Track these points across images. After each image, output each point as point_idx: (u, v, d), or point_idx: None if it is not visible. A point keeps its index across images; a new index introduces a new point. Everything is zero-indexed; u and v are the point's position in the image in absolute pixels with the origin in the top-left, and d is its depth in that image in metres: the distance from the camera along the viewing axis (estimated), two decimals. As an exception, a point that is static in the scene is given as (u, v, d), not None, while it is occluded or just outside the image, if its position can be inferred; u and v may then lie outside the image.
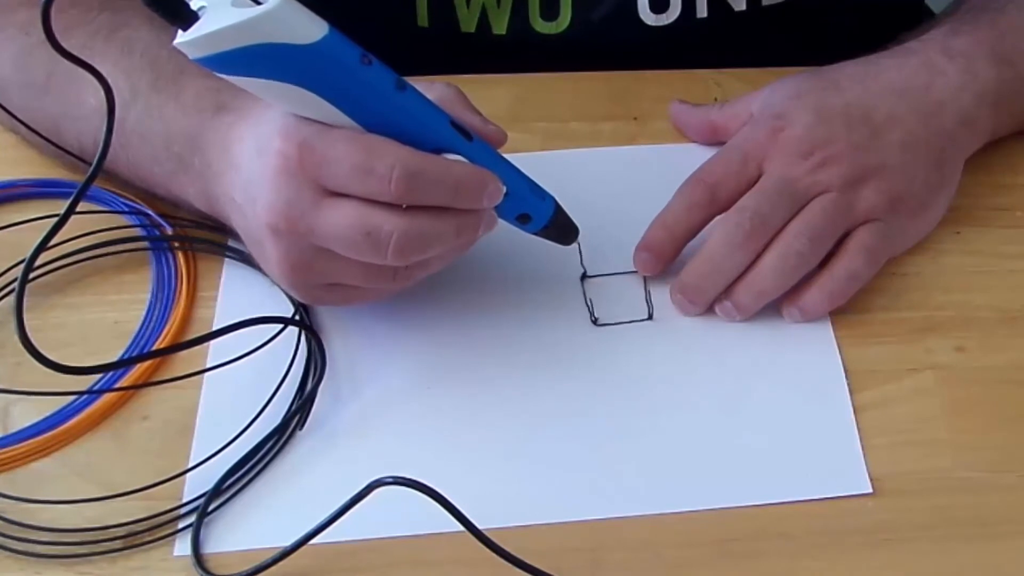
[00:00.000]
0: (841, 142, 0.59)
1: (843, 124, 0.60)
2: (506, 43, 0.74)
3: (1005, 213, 0.65)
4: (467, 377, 0.58)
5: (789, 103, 0.61)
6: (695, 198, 0.60)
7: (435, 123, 0.52)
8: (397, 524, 0.52)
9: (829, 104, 0.61)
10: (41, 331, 0.60)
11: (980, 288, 0.62)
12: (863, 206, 0.59)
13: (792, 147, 0.59)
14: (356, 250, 0.51)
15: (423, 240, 0.51)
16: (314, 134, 0.50)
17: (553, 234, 0.58)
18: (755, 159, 0.59)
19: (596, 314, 0.60)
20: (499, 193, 0.53)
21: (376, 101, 0.50)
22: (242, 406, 0.56)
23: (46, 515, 0.53)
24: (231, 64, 0.47)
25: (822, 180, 0.58)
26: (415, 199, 0.51)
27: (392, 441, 0.56)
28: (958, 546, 0.52)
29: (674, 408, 0.56)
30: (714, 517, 0.53)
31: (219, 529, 0.53)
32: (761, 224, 0.58)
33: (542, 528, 0.53)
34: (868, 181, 0.59)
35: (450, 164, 0.52)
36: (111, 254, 0.63)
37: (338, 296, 0.56)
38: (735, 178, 0.59)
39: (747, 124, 0.62)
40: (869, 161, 0.59)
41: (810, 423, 0.56)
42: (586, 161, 0.67)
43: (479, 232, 0.54)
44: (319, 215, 0.51)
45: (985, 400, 0.57)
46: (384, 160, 0.50)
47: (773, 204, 0.58)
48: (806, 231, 0.58)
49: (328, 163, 0.50)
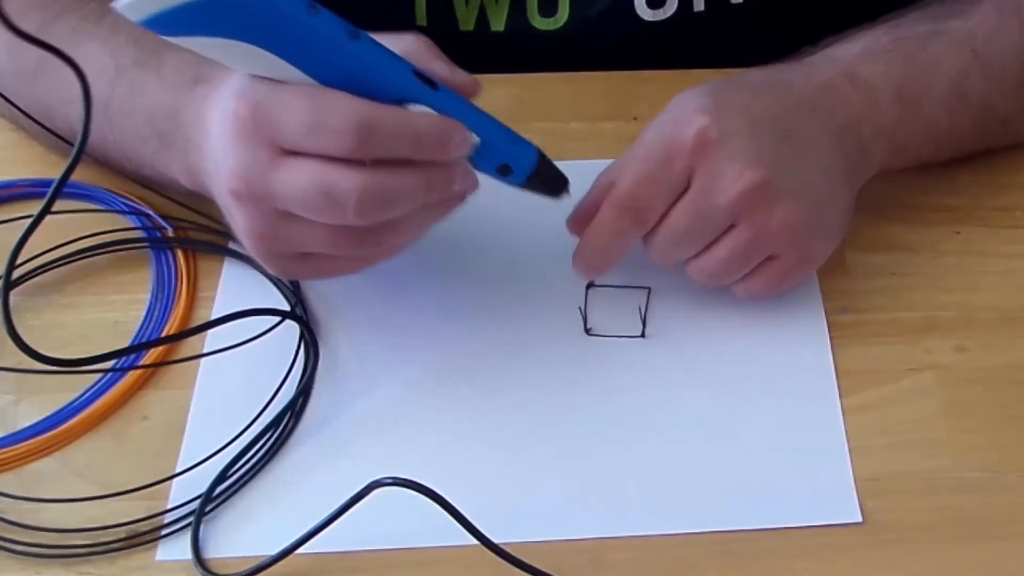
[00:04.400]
0: (768, 161, 0.55)
1: (771, 135, 0.56)
2: (504, 40, 0.74)
3: (1005, 213, 0.65)
4: (465, 381, 0.58)
5: (713, 102, 0.56)
6: (625, 226, 0.56)
7: (395, 73, 0.49)
8: (396, 529, 0.52)
9: (755, 111, 0.57)
10: (41, 331, 0.60)
11: (980, 288, 0.62)
12: (782, 239, 0.56)
13: (720, 164, 0.54)
14: (316, 211, 0.49)
15: (386, 197, 0.49)
16: (267, 92, 0.48)
17: (539, 186, 0.55)
18: (680, 174, 0.55)
19: (590, 324, 0.60)
20: (466, 143, 0.50)
21: (328, 52, 0.48)
22: (235, 406, 0.56)
23: (46, 515, 0.53)
24: (175, 24, 0.46)
25: (744, 213, 0.55)
26: (372, 153, 0.48)
27: (388, 446, 0.56)
28: (958, 546, 0.52)
29: (666, 431, 0.56)
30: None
31: (219, 529, 0.53)
32: (679, 254, 0.57)
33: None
34: (792, 207, 0.55)
35: (409, 115, 0.49)
36: (111, 253, 0.63)
37: (310, 267, 0.54)
38: (661, 201, 0.56)
39: (669, 123, 0.56)
40: (794, 184, 0.55)
41: (804, 451, 0.55)
42: (591, 173, 0.67)
43: (453, 187, 0.51)
44: (277, 176, 0.49)
45: (985, 400, 0.57)
46: (336, 114, 0.47)
47: (690, 239, 0.56)
48: (719, 270, 0.57)
49: (281, 121, 0.48)
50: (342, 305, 0.61)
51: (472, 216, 0.64)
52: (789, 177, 0.55)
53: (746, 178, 0.54)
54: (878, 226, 0.64)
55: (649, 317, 0.60)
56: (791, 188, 0.55)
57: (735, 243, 0.56)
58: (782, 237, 0.56)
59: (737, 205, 0.55)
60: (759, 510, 0.53)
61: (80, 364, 0.50)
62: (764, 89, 0.58)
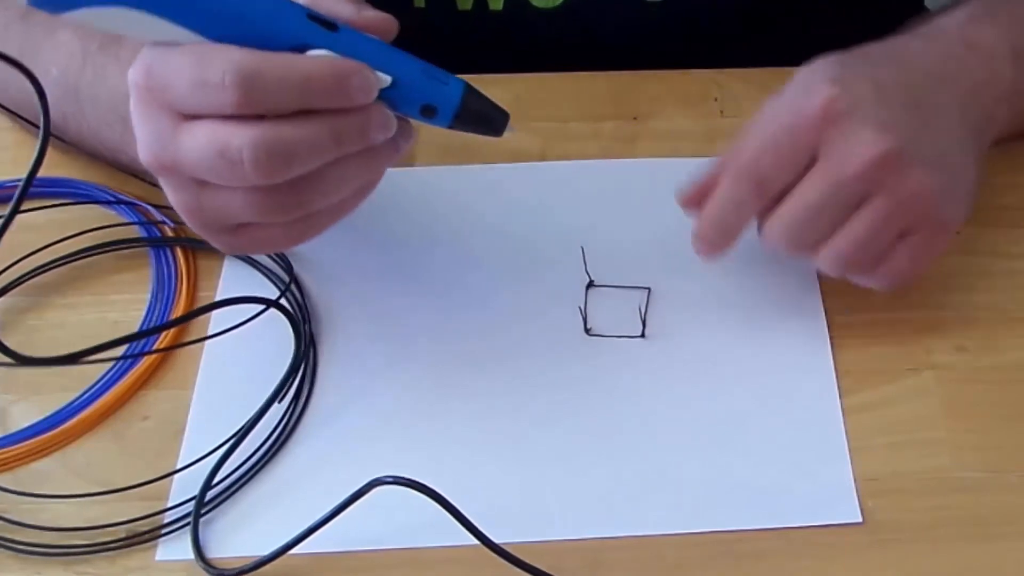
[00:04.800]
0: (900, 127, 0.53)
1: (902, 105, 0.54)
2: (503, 19, 0.74)
3: (1005, 213, 0.65)
4: (466, 382, 0.58)
5: (839, 70, 0.55)
6: (743, 195, 0.54)
7: (285, 18, 0.47)
8: (396, 529, 0.52)
9: (884, 80, 0.55)
10: (41, 331, 0.60)
11: (980, 288, 0.62)
12: (918, 208, 0.54)
13: (851, 132, 0.53)
14: (217, 174, 0.47)
15: (284, 151, 0.46)
16: (156, 56, 0.46)
17: (472, 125, 0.51)
18: (808, 145, 0.53)
19: (590, 324, 0.60)
20: (368, 85, 0.47)
21: (211, 6, 0.46)
22: (235, 406, 0.56)
23: (46, 515, 0.53)
24: (58, 0, 0.45)
25: (878, 182, 0.53)
26: (258, 105, 0.46)
27: (388, 446, 0.56)
28: (958, 546, 0.52)
29: (665, 431, 0.56)
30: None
31: (219, 529, 0.53)
32: (804, 241, 0.55)
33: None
34: (925, 176, 0.54)
35: (295, 60, 0.46)
36: (111, 253, 0.63)
37: (250, 239, 0.51)
38: (786, 171, 0.54)
39: (793, 89, 0.55)
40: (926, 151, 0.54)
41: (804, 451, 0.55)
42: (594, 172, 0.67)
43: (368, 136, 0.48)
44: (179, 142, 0.47)
45: (985, 400, 0.57)
46: (216, 67, 0.45)
47: (820, 220, 0.54)
48: (845, 255, 0.54)
49: (170, 84, 0.46)
50: (342, 305, 0.61)
51: (472, 216, 0.64)
52: (921, 145, 0.54)
53: (879, 144, 0.53)
54: (878, 226, 0.63)
55: (649, 317, 0.60)
56: (924, 155, 0.54)
57: (871, 215, 0.54)
58: (918, 206, 0.54)
59: (871, 172, 0.53)
60: (759, 510, 0.53)
61: (51, 363, 0.49)
62: (889, 61, 0.57)
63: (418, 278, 0.62)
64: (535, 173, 0.67)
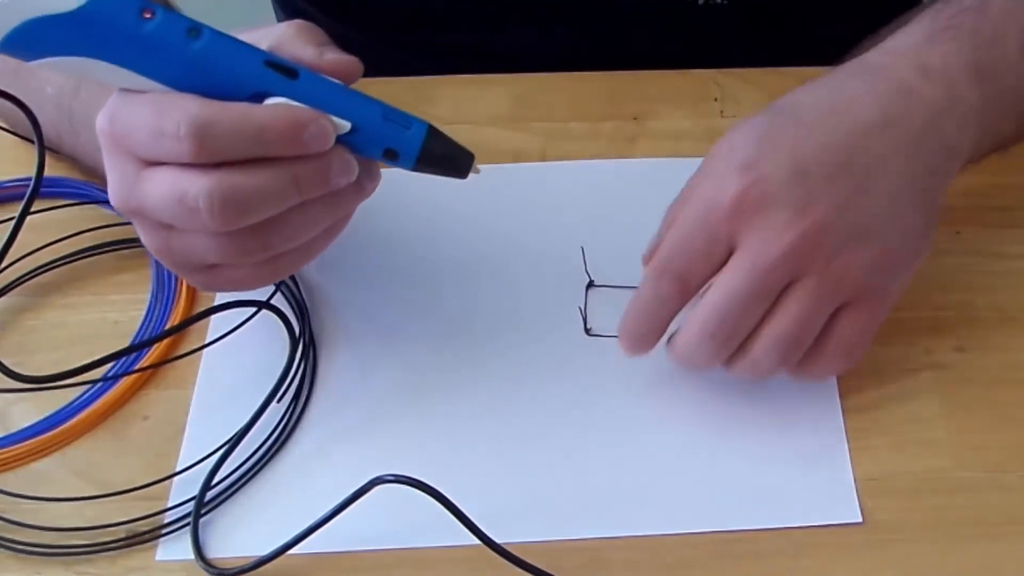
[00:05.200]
0: (822, 204, 0.50)
1: (823, 178, 0.51)
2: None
3: (1005, 213, 0.65)
4: (466, 382, 0.58)
5: (756, 148, 0.52)
6: (665, 291, 0.52)
7: (244, 67, 0.47)
8: (396, 529, 0.52)
9: (803, 150, 0.51)
10: (41, 331, 0.60)
11: (980, 288, 0.62)
12: (850, 283, 0.52)
13: (767, 219, 0.50)
14: (178, 219, 0.47)
15: (240, 199, 0.46)
16: (120, 104, 0.47)
17: (436, 167, 0.50)
18: (723, 237, 0.51)
19: (590, 324, 0.60)
20: (325, 133, 0.47)
21: (167, 56, 0.46)
22: (235, 406, 0.56)
23: (46, 515, 0.53)
24: (24, 49, 0.45)
25: (802, 265, 0.51)
26: (214, 155, 0.46)
27: (388, 446, 0.56)
28: (958, 546, 0.52)
29: (666, 431, 0.56)
30: (714, 517, 0.53)
31: (219, 529, 0.53)
32: (732, 332, 0.52)
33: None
34: (855, 249, 0.51)
35: (251, 110, 0.46)
36: (111, 253, 0.63)
37: (222, 278, 0.51)
38: (703, 263, 0.52)
39: (707, 173, 0.53)
40: (854, 222, 0.51)
41: (804, 451, 0.55)
42: (594, 172, 0.67)
43: (330, 182, 0.48)
44: (142, 188, 0.47)
45: (985, 400, 0.57)
46: (172, 117, 0.45)
47: (744, 308, 0.51)
48: (781, 342, 0.52)
49: (131, 132, 0.47)
50: (342, 304, 0.61)
51: (472, 216, 0.64)
52: (849, 216, 0.51)
53: (797, 227, 0.50)
54: (878, 226, 0.63)
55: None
56: (853, 226, 0.51)
57: (799, 300, 0.51)
58: (848, 281, 0.51)
59: (791, 257, 0.50)
60: (759, 510, 0.53)
61: (50, 380, 0.50)
62: (819, 117, 0.53)
63: (418, 277, 0.62)
64: (535, 173, 0.67)
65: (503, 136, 0.68)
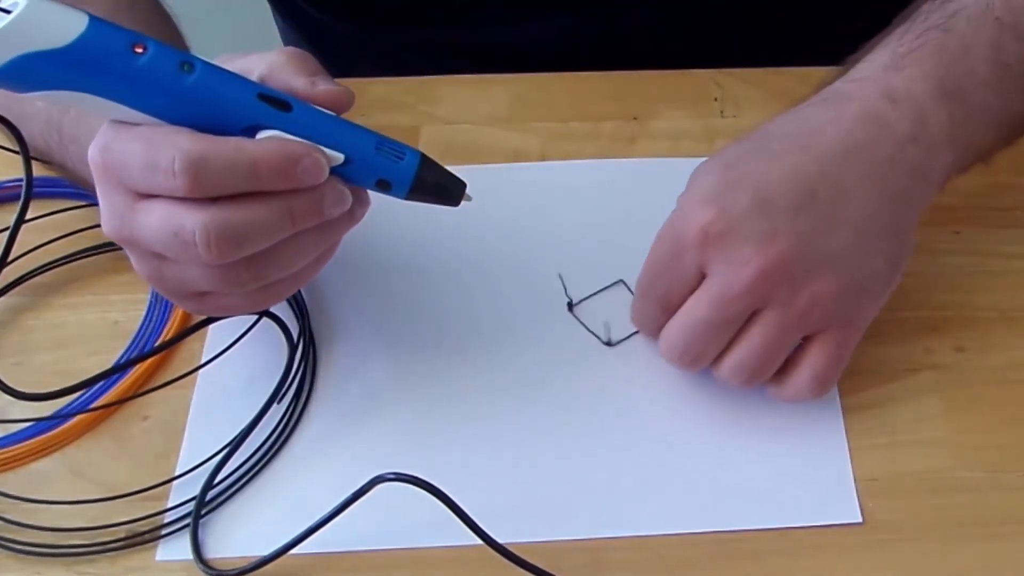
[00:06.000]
0: (785, 235, 0.51)
1: (785, 209, 0.51)
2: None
3: (1005, 213, 0.65)
4: (467, 382, 0.58)
5: (721, 180, 0.53)
6: (650, 311, 0.55)
7: (236, 100, 0.47)
8: (397, 529, 0.52)
9: (767, 181, 0.52)
10: (41, 331, 0.60)
11: (980, 288, 0.62)
12: (816, 314, 0.52)
13: (730, 252, 0.51)
14: (172, 252, 0.48)
15: (235, 233, 0.47)
16: (112, 136, 0.47)
17: (429, 196, 0.51)
18: (693, 267, 0.53)
19: (599, 333, 0.60)
20: (318, 167, 0.47)
21: (160, 90, 0.46)
22: (235, 406, 0.56)
23: (46, 515, 0.53)
24: (16, 82, 0.45)
25: (766, 297, 0.52)
26: (208, 190, 0.46)
27: (389, 446, 0.56)
28: (958, 546, 0.52)
29: (666, 432, 0.56)
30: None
31: (219, 529, 0.53)
32: (699, 355, 0.54)
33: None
34: (821, 279, 0.52)
35: (244, 145, 0.46)
36: (111, 252, 0.63)
37: (213, 305, 0.52)
38: (679, 288, 0.54)
39: (680, 205, 0.54)
40: (820, 253, 0.52)
41: (804, 451, 0.55)
42: (594, 172, 0.67)
43: (323, 214, 0.48)
44: (135, 220, 0.48)
45: (985, 400, 0.57)
46: (165, 153, 0.45)
47: (708, 335, 0.53)
48: (745, 367, 0.53)
49: (123, 165, 0.47)
50: (342, 303, 0.61)
51: (472, 216, 0.64)
52: (814, 246, 0.51)
53: (760, 259, 0.51)
54: (878, 226, 0.63)
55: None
56: (818, 256, 0.52)
57: (765, 329, 0.52)
58: (815, 311, 0.52)
59: (756, 288, 0.51)
60: (759, 510, 0.53)
61: (50, 398, 0.52)
62: (785, 147, 0.53)
63: (418, 277, 0.62)
64: (535, 173, 0.67)
65: (503, 136, 0.68)
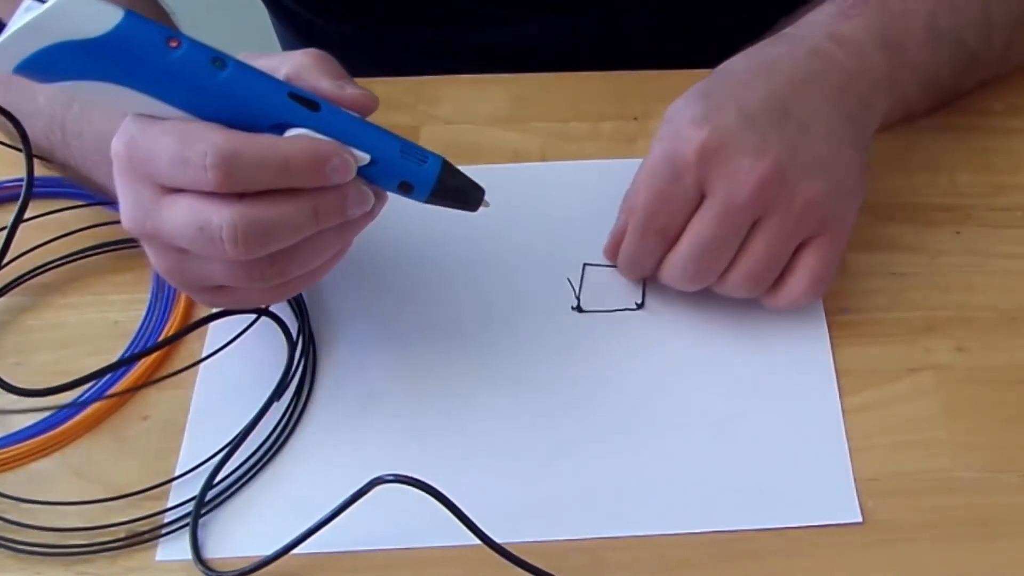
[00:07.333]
0: (775, 147, 0.55)
1: (769, 123, 0.56)
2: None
3: (1005, 213, 0.65)
4: (467, 382, 0.58)
5: (705, 104, 0.57)
6: (650, 244, 0.57)
7: (267, 98, 0.48)
8: (396, 529, 0.52)
9: (748, 101, 0.56)
10: (41, 331, 0.60)
11: (980, 288, 0.62)
12: (810, 217, 0.56)
13: (730, 164, 0.55)
14: (197, 247, 0.48)
15: (262, 230, 0.47)
16: (139, 130, 0.47)
17: (449, 200, 0.52)
18: (692, 187, 0.55)
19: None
20: (347, 166, 0.48)
21: (192, 85, 0.47)
22: (235, 406, 0.56)
23: (46, 515, 0.53)
24: (43, 71, 0.45)
25: (767, 204, 0.55)
26: (238, 185, 0.47)
27: (388, 446, 0.56)
28: (958, 546, 0.52)
29: (666, 432, 0.56)
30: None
31: (219, 529, 0.53)
32: (707, 271, 0.57)
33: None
34: (810, 184, 0.55)
35: (275, 142, 0.47)
36: (111, 253, 0.63)
37: (230, 299, 0.53)
38: (680, 215, 0.56)
39: (663, 137, 0.57)
40: (806, 160, 0.56)
41: (804, 451, 0.55)
42: (594, 172, 0.67)
43: (346, 213, 0.49)
44: (160, 214, 0.48)
45: (985, 400, 0.57)
46: (197, 147, 0.46)
47: (717, 250, 0.56)
48: (750, 277, 0.56)
49: (151, 159, 0.47)
50: (341, 303, 0.61)
51: (472, 216, 0.64)
52: (799, 155, 0.55)
53: (759, 169, 0.54)
54: (878, 226, 0.63)
55: (648, 320, 0.60)
56: (804, 164, 0.55)
57: (768, 236, 0.56)
58: (811, 214, 0.56)
59: (758, 198, 0.54)
60: (759, 510, 0.53)
61: (50, 393, 0.52)
62: (752, 75, 0.58)
63: (417, 277, 0.62)
64: (535, 173, 0.67)
65: (503, 136, 0.68)
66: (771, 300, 0.58)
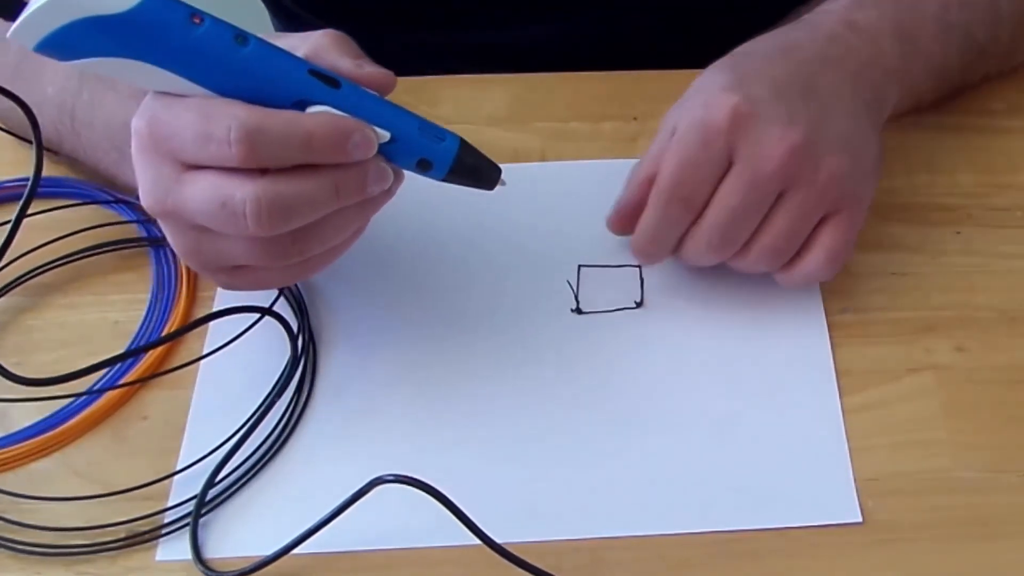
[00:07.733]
0: (802, 120, 0.55)
1: (799, 96, 0.56)
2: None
3: (1005, 213, 0.65)
4: (467, 382, 0.58)
5: (734, 75, 0.57)
6: (675, 215, 0.57)
7: (288, 75, 0.48)
8: (396, 529, 0.52)
9: (777, 75, 0.57)
10: (41, 331, 0.60)
11: (980, 288, 0.62)
12: (832, 192, 0.56)
13: (760, 132, 0.55)
14: (218, 223, 0.48)
15: (285, 205, 0.48)
16: (161, 107, 0.48)
17: (466, 179, 0.53)
18: (722, 154, 0.55)
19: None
20: (368, 142, 0.49)
21: (215, 61, 0.47)
22: (235, 406, 0.56)
23: (46, 515, 0.53)
24: (65, 48, 0.45)
25: (793, 176, 0.55)
26: (262, 160, 0.47)
27: (388, 445, 0.56)
28: (957, 546, 0.52)
29: (666, 432, 0.56)
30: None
31: (219, 529, 0.53)
32: (732, 242, 0.57)
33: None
34: (833, 159, 0.56)
35: (298, 117, 0.48)
36: (111, 253, 0.63)
37: (247, 279, 0.53)
38: (708, 183, 0.56)
39: (690, 106, 0.57)
40: (831, 135, 0.56)
41: (804, 451, 0.55)
42: (594, 172, 0.67)
43: (366, 190, 0.50)
44: (181, 191, 0.48)
45: (985, 400, 0.57)
46: (221, 123, 0.46)
47: (743, 220, 0.56)
48: (772, 250, 0.57)
49: (174, 135, 0.47)
50: (342, 302, 0.61)
51: (472, 216, 0.64)
52: (823, 131, 0.56)
53: (788, 139, 0.55)
54: (878, 226, 0.63)
55: (648, 319, 0.60)
56: (829, 140, 0.56)
57: (793, 207, 0.56)
58: (833, 189, 0.56)
59: (785, 168, 0.55)
60: (759, 510, 0.53)
61: (51, 383, 0.52)
62: (777, 53, 0.59)
63: (418, 277, 0.62)
64: (535, 173, 0.67)
65: (503, 136, 0.68)
66: (786, 276, 0.58)
